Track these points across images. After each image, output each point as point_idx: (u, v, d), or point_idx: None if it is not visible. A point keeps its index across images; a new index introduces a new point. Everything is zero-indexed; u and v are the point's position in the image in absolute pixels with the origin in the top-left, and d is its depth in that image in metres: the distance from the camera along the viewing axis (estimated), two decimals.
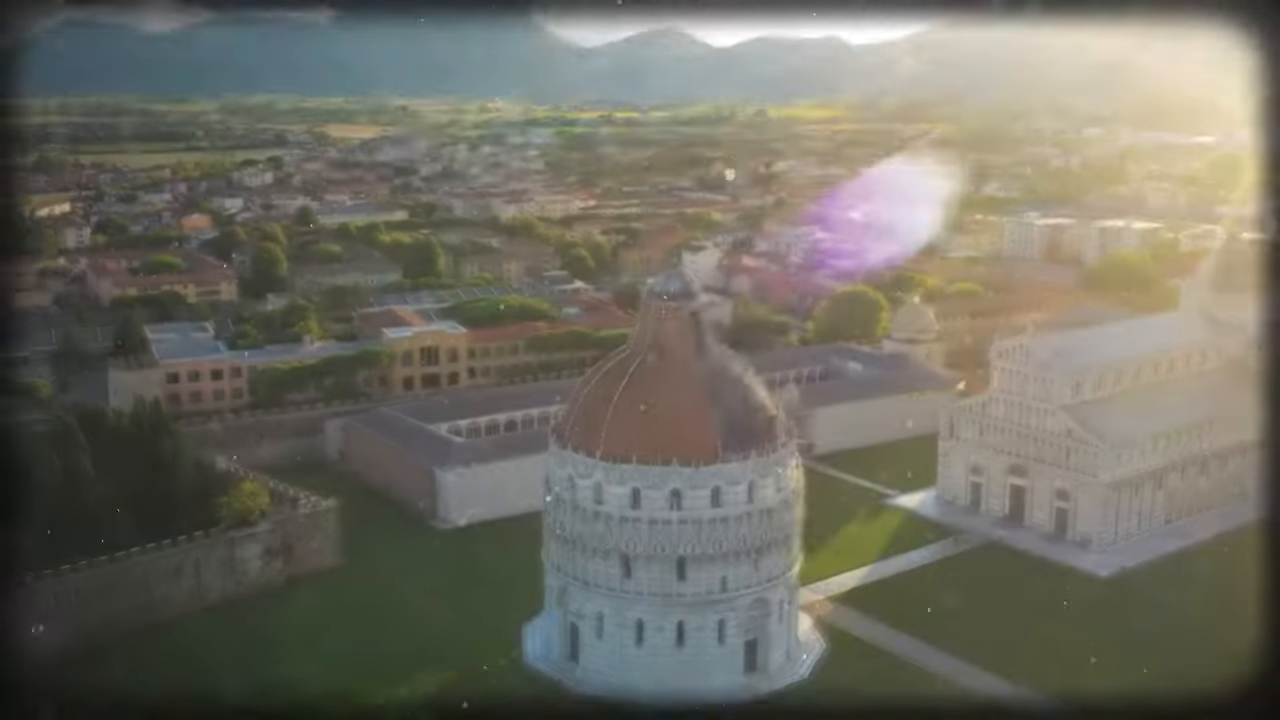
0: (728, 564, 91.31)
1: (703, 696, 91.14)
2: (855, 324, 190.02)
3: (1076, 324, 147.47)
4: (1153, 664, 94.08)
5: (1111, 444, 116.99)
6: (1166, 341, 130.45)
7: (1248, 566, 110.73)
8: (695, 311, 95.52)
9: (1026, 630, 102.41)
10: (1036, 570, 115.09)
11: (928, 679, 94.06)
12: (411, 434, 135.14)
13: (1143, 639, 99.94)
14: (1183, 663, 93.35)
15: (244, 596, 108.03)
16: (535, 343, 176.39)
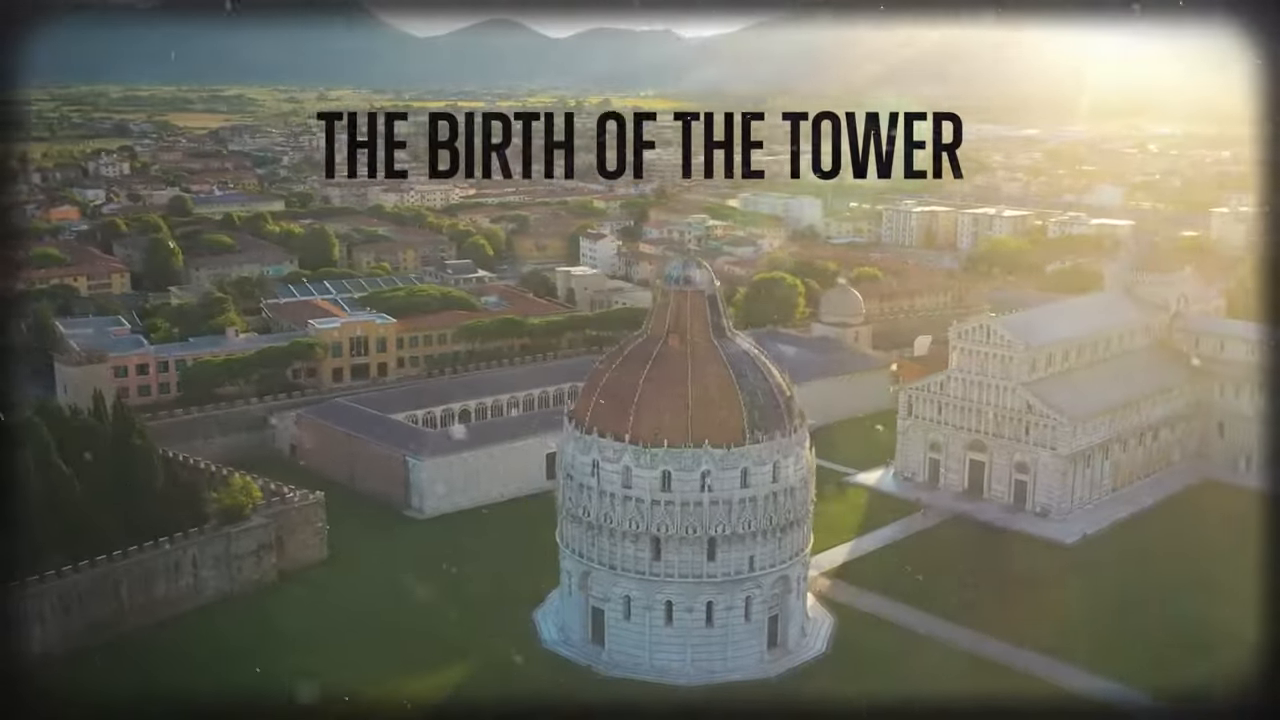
0: (755, 543, 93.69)
1: (730, 674, 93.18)
2: (775, 309, 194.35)
3: (1003, 306, 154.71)
4: (1131, 619, 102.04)
5: (1070, 418, 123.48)
6: (1105, 321, 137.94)
7: (1196, 527, 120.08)
8: (713, 296, 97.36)
9: (1013, 595, 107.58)
10: (1006, 539, 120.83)
11: (938, 647, 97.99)
12: (374, 424, 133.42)
13: (1117, 597, 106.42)
14: (1155, 616, 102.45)
15: (240, 593, 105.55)
16: (467, 331, 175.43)
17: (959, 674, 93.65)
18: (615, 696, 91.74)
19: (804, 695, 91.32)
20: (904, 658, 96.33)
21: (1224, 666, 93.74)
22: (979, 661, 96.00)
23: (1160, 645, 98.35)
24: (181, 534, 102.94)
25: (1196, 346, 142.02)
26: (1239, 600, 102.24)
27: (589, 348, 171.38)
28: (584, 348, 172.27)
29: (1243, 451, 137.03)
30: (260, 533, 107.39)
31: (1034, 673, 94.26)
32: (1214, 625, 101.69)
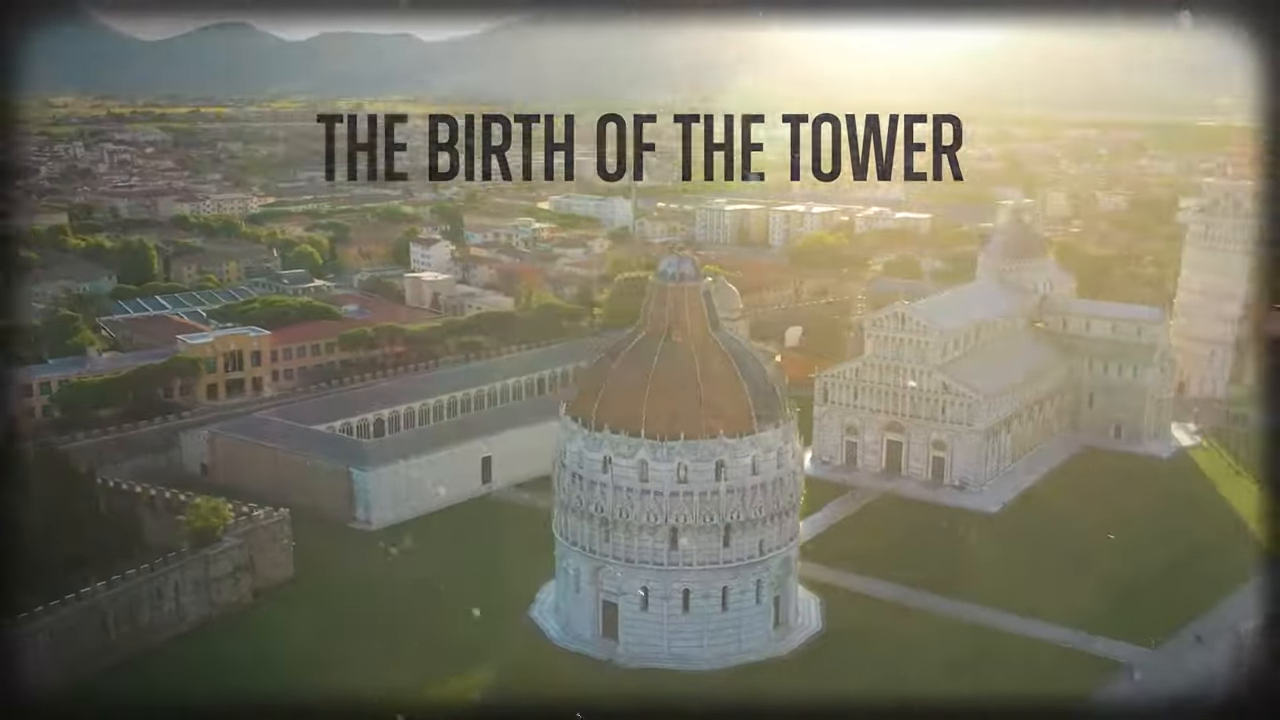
0: (765, 527, 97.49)
1: (746, 656, 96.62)
2: (638, 307, 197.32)
3: (882, 296, 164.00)
4: (1077, 574, 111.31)
5: (984, 396, 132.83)
6: (992, 306, 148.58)
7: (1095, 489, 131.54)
8: (706, 291, 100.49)
9: (964, 561, 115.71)
10: (937, 512, 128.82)
11: (919, 616, 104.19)
12: (305, 437, 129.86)
13: (1056, 556, 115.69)
14: (1096, 570, 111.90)
15: (221, 617, 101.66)
16: (347, 340, 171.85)
17: (948, 639, 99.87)
18: (645, 689, 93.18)
19: (820, 678, 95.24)
20: (894, 628, 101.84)
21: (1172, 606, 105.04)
22: (960, 625, 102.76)
23: (1111, 596, 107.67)
24: (161, 559, 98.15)
25: (1064, 327, 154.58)
26: (1159, 550, 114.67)
27: (466, 354, 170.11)
28: (462, 354, 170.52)
29: (1111, 420, 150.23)
30: (236, 553, 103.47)
31: (1014, 631, 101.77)
32: (1149, 571, 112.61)
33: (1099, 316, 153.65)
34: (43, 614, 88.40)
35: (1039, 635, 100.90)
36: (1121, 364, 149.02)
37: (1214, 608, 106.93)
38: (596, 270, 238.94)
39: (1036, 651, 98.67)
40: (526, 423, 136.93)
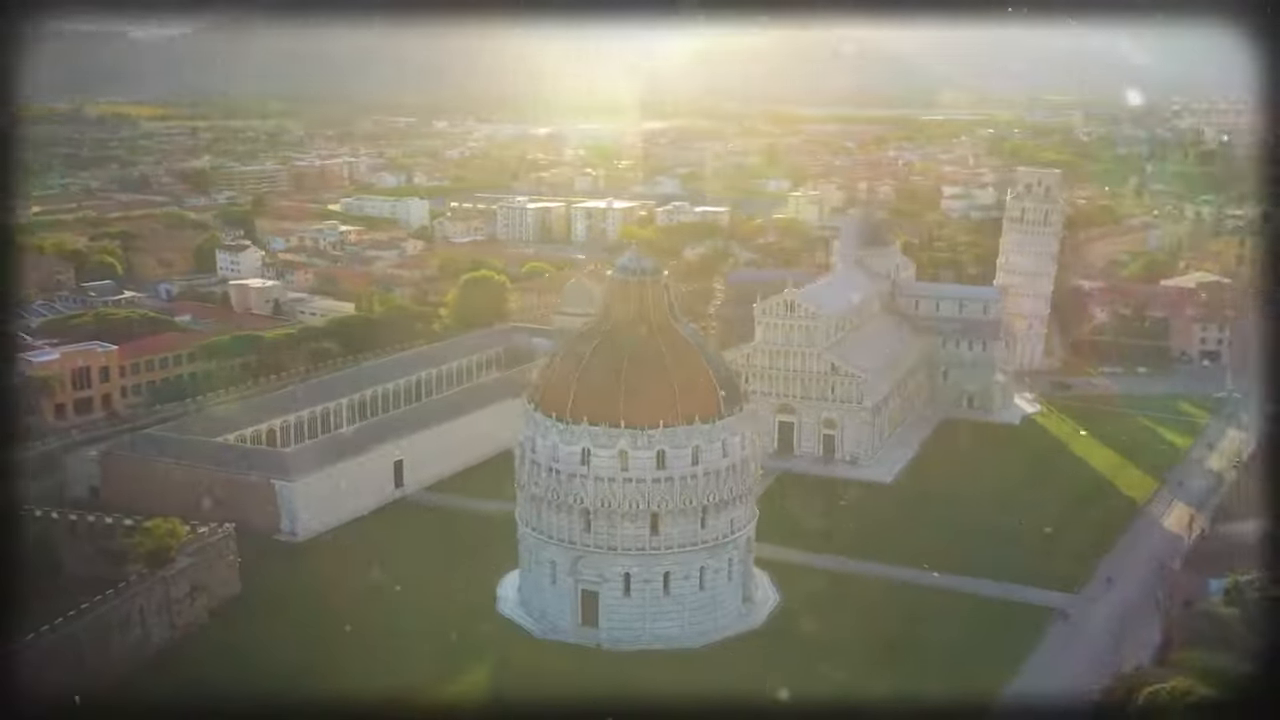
0: (734, 507, 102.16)
1: (724, 632, 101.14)
2: (487, 307, 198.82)
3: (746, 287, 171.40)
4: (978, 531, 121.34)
5: (870, 375, 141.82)
6: (859, 291, 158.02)
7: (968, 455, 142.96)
8: (666, 284, 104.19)
9: (879, 528, 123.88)
10: (839, 486, 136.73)
11: (858, 580, 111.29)
12: (212, 451, 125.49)
13: (962, 518, 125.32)
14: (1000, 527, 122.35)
15: (184, 640, 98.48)
16: (203, 351, 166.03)
17: (895, 599, 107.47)
18: (639, 671, 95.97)
19: (798, 646, 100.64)
20: (844, 593, 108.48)
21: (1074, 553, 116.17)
22: (900, 586, 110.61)
23: (1019, 548, 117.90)
24: (124, 583, 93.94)
25: (916, 308, 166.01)
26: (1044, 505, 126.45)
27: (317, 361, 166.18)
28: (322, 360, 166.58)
29: (964, 393, 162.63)
30: (192, 573, 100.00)
31: (947, 587, 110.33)
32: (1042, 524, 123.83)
33: (946, 297, 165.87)
34: (19, 649, 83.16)
35: (971, 590, 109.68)
36: (971, 340, 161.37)
37: (1110, 551, 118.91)
38: (421, 271, 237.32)
39: (976, 604, 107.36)
40: (432, 424, 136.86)
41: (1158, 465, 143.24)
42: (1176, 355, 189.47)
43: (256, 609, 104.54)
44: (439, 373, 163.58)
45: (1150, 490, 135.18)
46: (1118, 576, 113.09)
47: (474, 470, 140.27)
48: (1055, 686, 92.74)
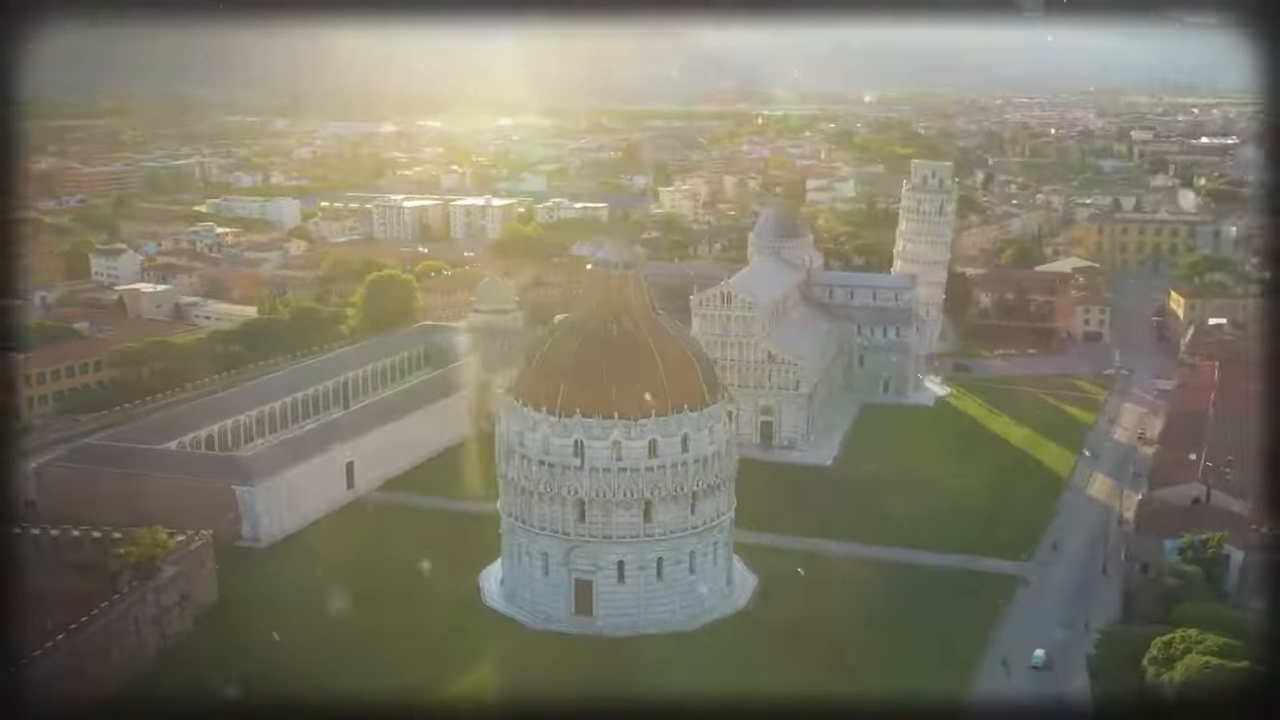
0: (719, 492, 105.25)
1: (713, 613, 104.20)
2: (394, 307, 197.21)
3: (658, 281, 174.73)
4: (924, 507, 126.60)
5: (806, 362, 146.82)
6: (783, 281, 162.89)
7: (895, 437, 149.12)
8: (643, 276, 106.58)
9: (831, 509, 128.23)
10: (783, 470, 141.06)
11: (824, 559, 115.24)
12: (164, 459, 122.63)
13: (899, 495, 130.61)
14: (938, 501, 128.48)
15: (175, 648, 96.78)
16: (114, 359, 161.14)
17: (866, 575, 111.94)
18: (639, 655, 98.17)
19: (788, 623, 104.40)
20: (815, 572, 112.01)
21: (1018, 523, 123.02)
22: (867, 563, 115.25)
23: (967, 522, 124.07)
24: (118, 595, 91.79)
25: (831, 297, 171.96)
26: (976, 480, 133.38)
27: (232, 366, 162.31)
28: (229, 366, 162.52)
29: (880, 377, 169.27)
30: (180, 582, 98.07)
31: (910, 562, 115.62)
32: (980, 497, 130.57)
33: (860, 286, 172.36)
34: (26, 665, 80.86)
35: (933, 563, 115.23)
36: (885, 326, 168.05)
37: (1049, 520, 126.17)
38: (312, 272, 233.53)
39: (940, 575, 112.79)
40: (379, 425, 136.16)
41: (1070, 440, 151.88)
42: (1062, 336, 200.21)
43: (239, 616, 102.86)
44: (364, 374, 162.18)
45: (1070, 463, 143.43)
46: (1062, 543, 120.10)
47: (420, 469, 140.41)
48: (1033, 644, 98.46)
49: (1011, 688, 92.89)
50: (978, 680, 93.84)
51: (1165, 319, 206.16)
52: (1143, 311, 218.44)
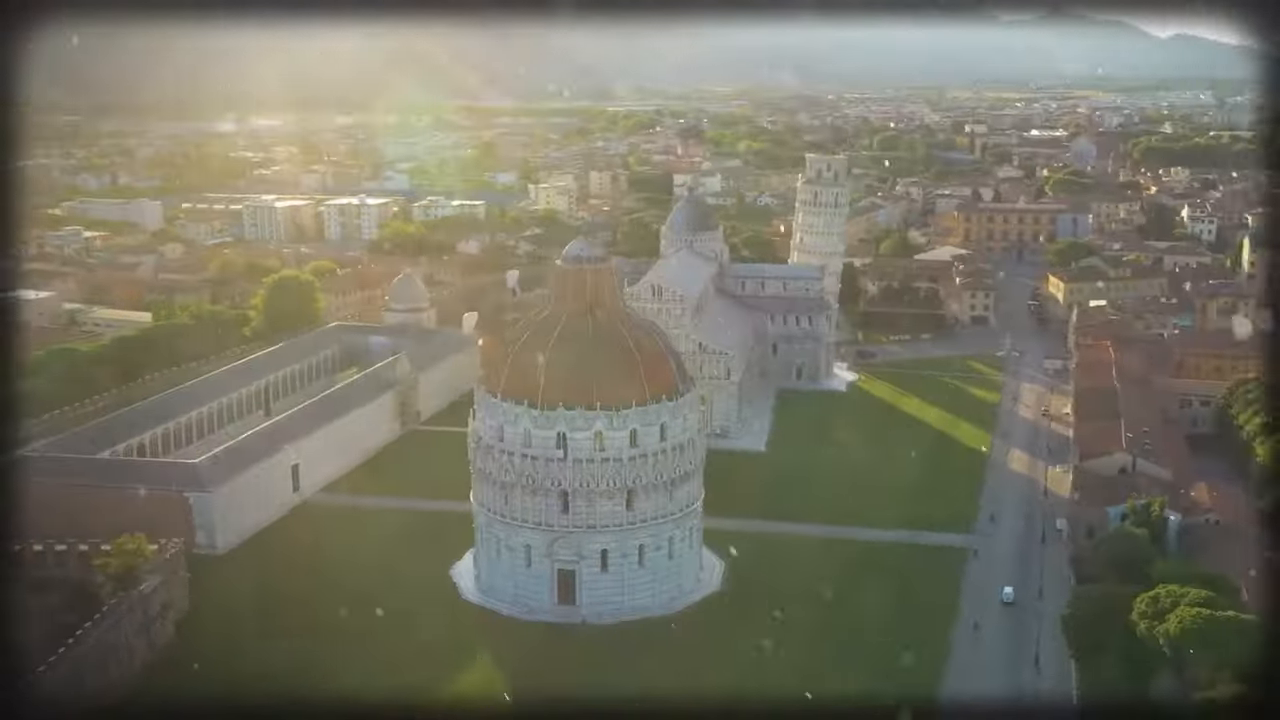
0: (693, 479, 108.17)
1: (691, 597, 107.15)
2: (296, 308, 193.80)
3: None
4: (865, 487, 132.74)
5: (735, 352, 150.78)
6: (700, 274, 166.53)
7: (821, 422, 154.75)
8: (613, 271, 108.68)
9: (776, 492, 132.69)
10: (721, 457, 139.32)
11: (783, 540, 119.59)
12: (105, 469, 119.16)
13: (837, 477, 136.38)
14: (875, 480, 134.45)
15: (162, 659, 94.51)
16: None
17: (827, 553, 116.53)
18: (632, 640, 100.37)
19: (767, 602, 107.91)
20: (779, 552, 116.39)
21: (953, 497, 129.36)
22: (824, 541, 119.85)
23: (906, 499, 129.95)
24: (108, 607, 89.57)
25: (743, 288, 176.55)
26: (906, 459, 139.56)
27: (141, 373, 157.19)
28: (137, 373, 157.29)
29: (793, 365, 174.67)
30: (164, 590, 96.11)
31: (865, 539, 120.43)
32: (912, 475, 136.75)
33: (771, 277, 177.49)
34: (34, 681, 78.65)
35: (885, 539, 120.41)
36: (797, 315, 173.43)
37: (980, 494, 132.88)
38: (198, 274, 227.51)
39: (892, 550, 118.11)
40: (320, 426, 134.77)
41: (981, 418, 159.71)
42: (951, 321, 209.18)
43: (219, 623, 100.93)
44: (283, 376, 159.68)
45: (987, 440, 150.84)
46: (998, 516, 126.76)
47: (359, 470, 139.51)
48: (995, 611, 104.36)
49: (986, 651, 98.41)
50: (955, 645, 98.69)
51: (1042, 303, 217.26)
52: (1017, 296, 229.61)
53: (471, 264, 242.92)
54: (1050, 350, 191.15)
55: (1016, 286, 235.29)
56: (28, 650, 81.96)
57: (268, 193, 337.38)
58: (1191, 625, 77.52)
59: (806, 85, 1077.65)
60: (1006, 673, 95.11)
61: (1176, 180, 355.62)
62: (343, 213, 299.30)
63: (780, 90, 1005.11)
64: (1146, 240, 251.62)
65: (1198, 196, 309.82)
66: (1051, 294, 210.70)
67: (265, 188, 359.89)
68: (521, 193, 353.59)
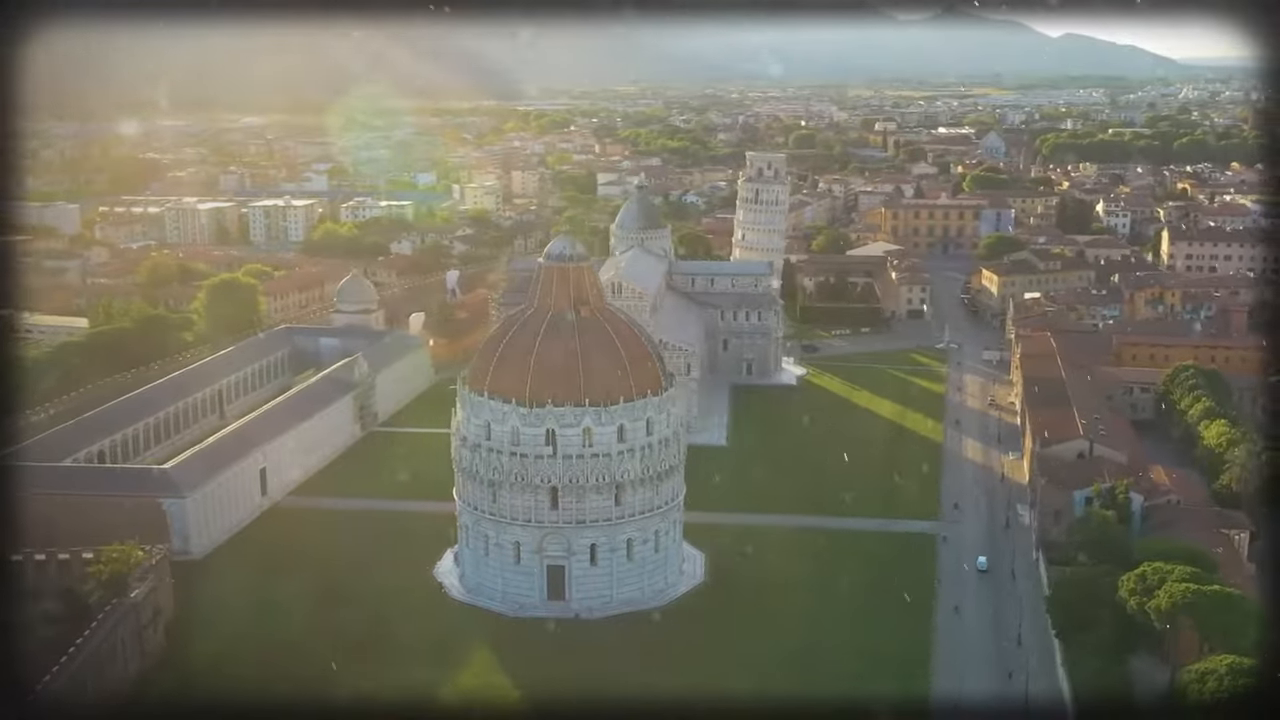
0: (677, 473, 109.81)
1: (677, 589, 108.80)
2: (238, 311, 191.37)
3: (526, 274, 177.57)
4: (830, 478, 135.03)
5: (696, 348, 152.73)
6: (653, 270, 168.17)
7: (779, 413, 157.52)
8: (593, 269, 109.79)
9: (745, 484, 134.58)
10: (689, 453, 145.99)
11: (758, 530, 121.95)
12: (69, 475, 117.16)
13: (801, 468, 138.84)
14: (838, 470, 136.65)
15: (155, 666, 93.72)
16: None
17: (803, 542, 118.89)
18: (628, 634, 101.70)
19: (752, 591, 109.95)
20: (756, 543, 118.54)
21: (916, 486, 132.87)
22: (799, 531, 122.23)
23: (872, 488, 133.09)
24: (104, 615, 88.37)
25: (693, 285, 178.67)
26: (866, 449, 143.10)
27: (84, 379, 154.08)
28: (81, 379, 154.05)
29: (743, 360, 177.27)
30: (155, 598, 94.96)
31: (838, 528, 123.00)
32: (873, 464, 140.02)
33: (720, 274, 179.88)
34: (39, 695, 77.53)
35: (856, 527, 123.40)
36: (747, 311, 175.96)
37: (941, 482, 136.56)
38: (129, 278, 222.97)
39: (865, 537, 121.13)
40: (285, 429, 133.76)
41: (931, 409, 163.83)
42: (888, 315, 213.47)
43: (206, 629, 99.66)
44: (236, 380, 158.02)
45: (939, 430, 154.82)
46: (961, 503, 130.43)
47: (323, 473, 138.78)
48: (972, 592, 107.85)
49: (969, 631, 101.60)
50: (939, 627, 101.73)
51: (973, 295, 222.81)
52: (946, 290, 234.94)
53: (407, 265, 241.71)
54: (987, 342, 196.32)
55: (945, 280, 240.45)
56: (25, 663, 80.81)
57: (183, 195, 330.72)
58: (1182, 599, 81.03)
59: (711, 84, 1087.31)
60: (991, 652, 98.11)
61: (1086, 175, 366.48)
62: (268, 214, 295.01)
63: (686, 89, 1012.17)
64: (1067, 234, 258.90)
65: (1108, 191, 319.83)
66: (985, 287, 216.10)
67: (182, 190, 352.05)
68: (445, 193, 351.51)
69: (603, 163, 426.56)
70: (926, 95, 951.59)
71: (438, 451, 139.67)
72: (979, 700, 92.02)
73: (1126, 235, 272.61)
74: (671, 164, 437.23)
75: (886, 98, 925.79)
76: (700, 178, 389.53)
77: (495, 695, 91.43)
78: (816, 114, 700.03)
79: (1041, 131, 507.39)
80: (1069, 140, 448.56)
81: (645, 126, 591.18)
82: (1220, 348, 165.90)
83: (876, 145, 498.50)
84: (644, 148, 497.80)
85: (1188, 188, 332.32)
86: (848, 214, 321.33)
